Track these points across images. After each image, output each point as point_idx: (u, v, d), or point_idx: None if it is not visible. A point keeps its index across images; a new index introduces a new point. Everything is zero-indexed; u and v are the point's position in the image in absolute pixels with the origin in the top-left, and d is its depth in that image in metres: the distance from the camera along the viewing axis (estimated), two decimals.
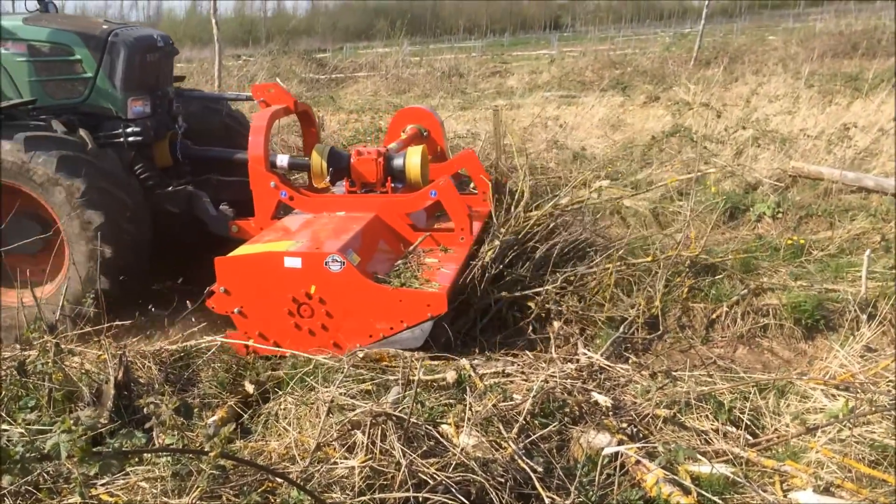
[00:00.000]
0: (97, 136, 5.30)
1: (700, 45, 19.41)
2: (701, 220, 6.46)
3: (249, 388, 3.97)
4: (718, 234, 6.72)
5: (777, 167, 8.22)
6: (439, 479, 2.89)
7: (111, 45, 5.49)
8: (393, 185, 5.40)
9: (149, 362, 4.05)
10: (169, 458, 2.94)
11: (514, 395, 3.73)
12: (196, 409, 3.59)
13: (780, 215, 6.90)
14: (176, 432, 3.10)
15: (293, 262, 4.24)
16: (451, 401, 3.65)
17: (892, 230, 6.15)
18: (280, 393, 3.76)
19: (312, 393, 3.57)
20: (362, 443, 3.02)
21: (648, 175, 8.19)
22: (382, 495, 2.78)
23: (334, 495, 2.77)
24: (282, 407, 3.58)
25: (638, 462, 3.20)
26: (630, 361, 4.19)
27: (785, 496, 3.03)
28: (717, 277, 5.26)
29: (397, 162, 5.35)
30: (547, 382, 3.75)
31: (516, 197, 5.45)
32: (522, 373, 4.05)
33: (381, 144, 6.20)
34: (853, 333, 4.55)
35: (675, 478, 3.09)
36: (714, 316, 5.01)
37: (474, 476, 2.93)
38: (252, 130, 5.24)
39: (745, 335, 4.90)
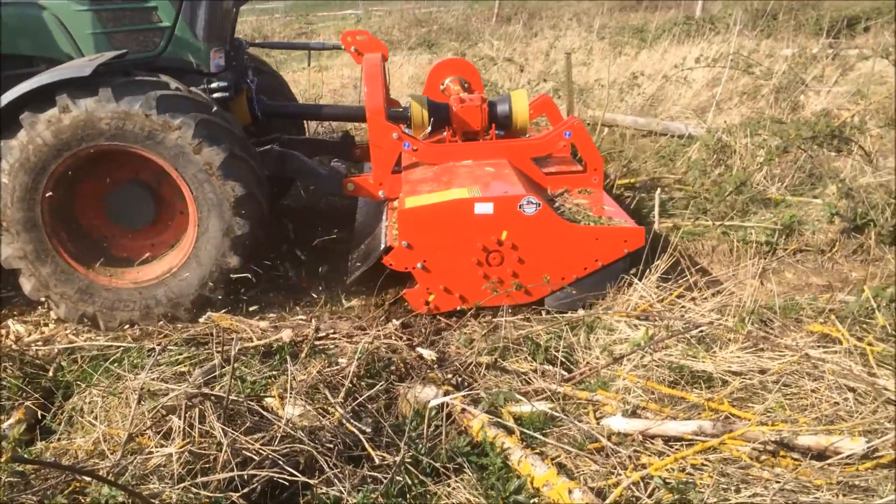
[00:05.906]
0: None
1: (500, 2, 19.91)
2: None
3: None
4: None
5: (577, 116, 8.63)
6: (265, 453, 2.81)
7: None
8: (496, 131, 5.16)
9: None
10: None
11: (340, 360, 3.70)
12: None
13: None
14: None
15: (484, 208, 4.05)
16: (274, 372, 3.55)
17: (681, 168, 6.68)
18: (84, 386, 3.47)
19: (120, 382, 3.34)
20: (179, 427, 2.87)
21: None
22: (205, 479, 2.66)
23: (151, 486, 2.61)
24: (87, 401, 3.32)
25: (464, 410, 3.29)
26: None
27: (598, 423, 3.24)
28: None
29: (502, 108, 5.12)
30: (371, 343, 3.74)
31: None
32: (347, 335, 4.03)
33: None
34: (649, 267, 4.91)
35: (499, 420, 3.21)
36: None
37: (302, 446, 2.88)
38: (366, 80, 4.83)
39: None
